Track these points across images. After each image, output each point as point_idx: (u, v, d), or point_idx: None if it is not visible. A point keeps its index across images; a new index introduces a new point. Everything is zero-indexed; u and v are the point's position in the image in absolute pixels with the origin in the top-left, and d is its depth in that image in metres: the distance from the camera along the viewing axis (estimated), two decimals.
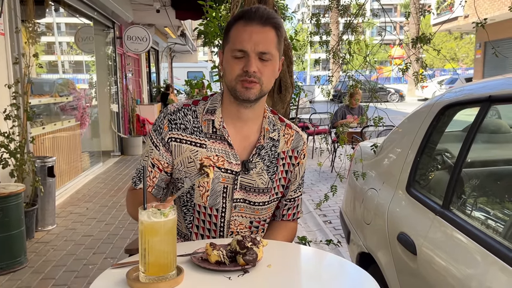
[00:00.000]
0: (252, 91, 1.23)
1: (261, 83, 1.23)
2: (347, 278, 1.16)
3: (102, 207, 4.90)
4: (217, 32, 2.72)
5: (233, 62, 1.22)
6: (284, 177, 1.39)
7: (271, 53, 1.23)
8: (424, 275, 1.54)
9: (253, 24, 1.21)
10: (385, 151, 2.32)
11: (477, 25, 1.82)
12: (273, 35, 1.24)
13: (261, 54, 1.21)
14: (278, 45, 1.26)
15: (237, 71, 1.22)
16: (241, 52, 1.21)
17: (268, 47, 1.22)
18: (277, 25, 1.24)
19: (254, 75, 1.21)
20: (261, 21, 1.22)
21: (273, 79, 1.30)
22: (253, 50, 1.20)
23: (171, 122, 1.31)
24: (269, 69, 1.24)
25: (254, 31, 1.21)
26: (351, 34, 2.46)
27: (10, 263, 3.21)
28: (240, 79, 1.22)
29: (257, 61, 1.21)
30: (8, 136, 3.60)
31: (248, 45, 1.20)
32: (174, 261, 0.99)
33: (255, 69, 1.20)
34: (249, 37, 1.20)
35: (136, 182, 1.37)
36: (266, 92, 1.28)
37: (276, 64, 1.28)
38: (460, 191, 1.72)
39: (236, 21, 1.24)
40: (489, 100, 1.57)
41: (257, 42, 1.20)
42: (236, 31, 1.23)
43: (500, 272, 1.24)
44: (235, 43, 1.22)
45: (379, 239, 2.00)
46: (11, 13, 4.09)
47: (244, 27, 1.22)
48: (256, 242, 1.09)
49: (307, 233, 4.15)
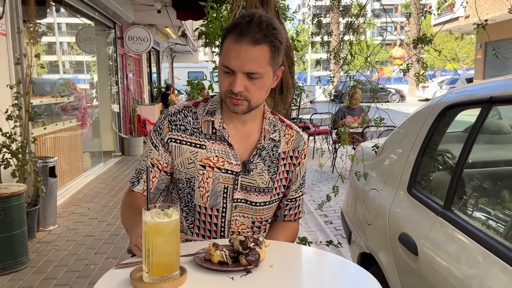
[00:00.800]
0: (239, 107, 1.23)
1: (248, 100, 1.22)
2: (349, 278, 1.16)
3: (104, 207, 4.91)
4: (219, 33, 2.73)
5: (223, 77, 1.22)
6: (285, 177, 1.40)
7: (260, 72, 1.19)
8: (426, 276, 1.55)
9: (243, 42, 1.16)
10: (386, 152, 2.32)
11: (477, 26, 1.83)
12: (265, 52, 1.18)
13: (249, 74, 1.18)
14: (272, 60, 1.21)
15: (225, 87, 1.22)
16: (228, 69, 1.19)
17: (257, 67, 1.18)
18: (271, 42, 1.18)
19: (241, 93, 1.20)
20: (253, 39, 1.16)
21: (266, 91, 1.27)
22: (240, 70, 1.17)
23: (171, 123, 1.32)
24: (258, 87, 1.22)
25: (243, 51, 1.16)
26: (352, 35, 2.47)
27: (12, 263, 3.22)
28: (228, 95, 1.22)
29: (244, 80, 1.19)
30: (10, 137, 3.61)
31: (236, 64, 1.17)
32: (178, 261, 1.00)
33: (240, 89, 1.19)
34: (237, 56, 1.16)
35: (134, 183, 1.36)
36: (256, 106, 1.27)
37: (268, 79, 1.24)
38: (461, 192, 1.73)
39: (229, 34, 1.20)
40: (490, 101, 1.57)
41: (245, 62, 1.16)
42: (227, 46, 1.19)
43: (501, 272, 1.25)
44: (225, 59, 1.20)
45: (380, 239, 2.01)
46: (13, 14, 4.10)
47: (234, 44, 1.17)
48: (259, 242, 1.09)
49: (308, 233, 4.15)
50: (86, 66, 7.79)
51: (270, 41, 1.18)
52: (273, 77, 1.27)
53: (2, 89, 3.78)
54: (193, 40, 14.32)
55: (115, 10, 7.05)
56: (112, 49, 8.13)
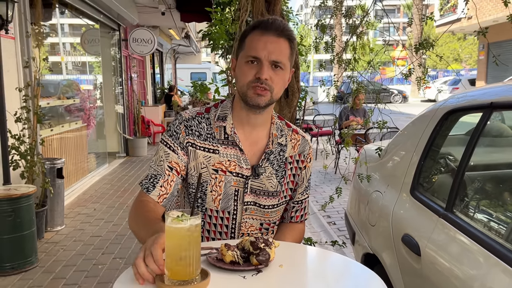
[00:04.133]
0: (262, 98, 1.28)
1: (271, 90, 1.28)
2: (354, 277, 1.21)
3: (110, 208, 4.97)
4: (224, 37, 2.78)
5: (247, 68, 1.28)
6: (292, 180, 1.45)
7: (284, 62, 1.29)
8: (428, 276, 1.59)
9: (269, 34, 1.28)
10: (389, 154, 2.37)
11: (478, 34, 1.87)
12: (287, 46, 1.30)
13: (274, 63, 1.27)
14: (291, 57, 1.32)
15: (250, 77, 1.28)
16: (255, 59, 1.27)
17: (281, 57, 1.28)
18: (291, 38, 1.31)
19: (266, 82, 1.26)
20: (277, 32, 1.28)
21: (283, 88, 1.35)
22: (267, 58, 1.26)
23: (187, 128, 1.36)
24: (280, 78, 1.30)
25: (269, 41, 1.27)
26: (356, 39, 2.52)
27: (21, 262, 3.28)
28: (252, 85, 1.27)
29: (269, 69, 1.27)
30: (18, 138, 3.67)
31: (263, 53, 1.26)
32: (198, 266, 1.02)
33: (267, 76, 1.26)
34: (264, 46, 1.26)
35: (148, 188, 1.32)
36: (275, 100, 1.34)
37: (287, 74, 1.34)
38: (463, 194, 1.77)
39: (253, 30, 1.31)
40: (491, 107, 1.62)
41: (271, 51, 1.26)
42: (252, 39, 1.29)
43: (502, 273, 1.29)
44: (250, 50, 1.28)
45: (383, 240, 2.05)
46: (21, 17, 4.16)
47: (260, 36, 1.28)
48: (269, 243, 1.14)
49: (311, 234, 4.20)
50: (91, 68, 7.86)
51: (289, 37, 1.30)
52: (289, 74, 1.35)
53: (11, 92, 3.84)
54: (196, 41, 14.39)
55: (120, 12, 7.12)
56: (117, 51, 8.20)
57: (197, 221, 1.01)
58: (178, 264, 1.00)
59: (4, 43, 3.73)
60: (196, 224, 1.01)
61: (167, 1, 7.67)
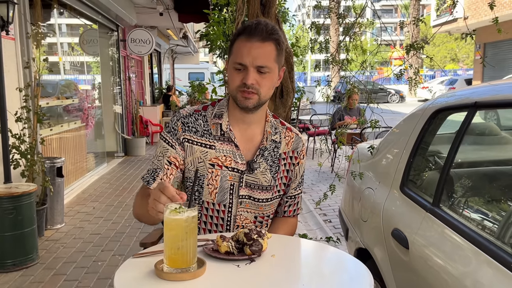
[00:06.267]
0: (250, 101, 1.36)
1: (259, 93, 1.36)
2: (338, 263, 1.29)
3: (108, 207, 5.03)
4: (222, 38, 2.85)
5: (234, 74, 1.36)
6: (286, 176, 1.53)
7: (269, 66, 1.35)
8: (416, 267, 1.67)
9: (253, 40, 1.33)
10: (381, 153, 2.45)
11: (466, 36, 1.95)
12: (272, 49, 1.36)
13: (259, 68, 1.34)
14: (278, 58, 1.38)
15: (237, 82, 1.36)
16: (241, 65, 1.34)
17: (266, 62, 1.34)
18: (276, 40, 1.36)
19: (252, 86, 1.34)
20: (261, 36, 1.33)
21: (272, 88, 1.42)
22: (252, 64, 1.33)
23: (184, 125, 1.44)
24: (267, 80, 1.37)
25: (254, 47, 1.33)
26: (350, 41, 2.59)
27: (23, 259, 3.35)
28: (240, 89, 1.36)
29: (255, 74, 1.34)
30: (19, 138, 3.73)
31: (248, 59, 1.33)
32: (195, 255, 1.09)
33: (252, 81, 1.33)
34: (248, 52, 1.33)
35: (149, 182, 1.42)
36: (265, 101, 1.42)
37: (275, 75, 1.40)
38: (449, 189, 1.85)
39: (238, 36, 1.37)
40: (475, 106, 1.70)
41: (256, 56, 1.33)
42: (238, 46, 1.36)
43: (486, 265, 1.36)
44: (236, 57, 1.35)
45: (375, 235, 2.13)
46: (21, 18, 4.22)
47: (245, 42, 1.34)
48: (261, 234, 1.22)
49: (307, 231, 4.27)
50: (89, 68, 7.91)
51: (275, 40, 1.36)
52: (277, 75, 1.42)
53: (11, 92, 3.90)
54: (194, 41, 14.44)
55: (118, 13, 7.18)
56: (115, 51, 8.26)
57: (194, 213, 1.08)
58: (176, 253, 1.07)
59: (4, 44, 3.79)
60: (193, 216, 1.08)
61: (165, 2, 7.73)
